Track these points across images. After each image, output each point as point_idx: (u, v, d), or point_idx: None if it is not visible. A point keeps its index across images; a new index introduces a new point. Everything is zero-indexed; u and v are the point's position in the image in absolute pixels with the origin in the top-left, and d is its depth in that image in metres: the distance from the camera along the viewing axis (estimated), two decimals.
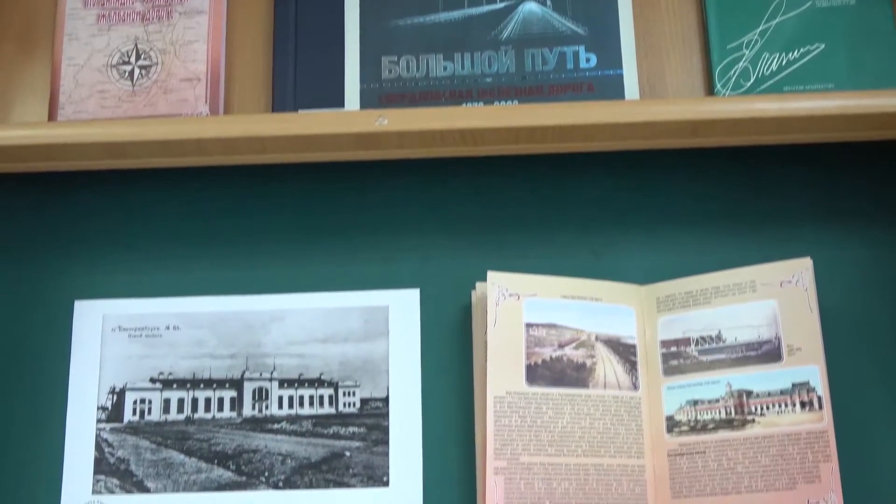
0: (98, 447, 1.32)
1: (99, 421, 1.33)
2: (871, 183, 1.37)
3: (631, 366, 1.30)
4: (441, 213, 1.40)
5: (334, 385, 1.34)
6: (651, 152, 1.37)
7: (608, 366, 1.30)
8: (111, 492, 1.31)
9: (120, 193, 1.41)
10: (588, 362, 1.29)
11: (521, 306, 1.29)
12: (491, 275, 1.30)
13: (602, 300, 1.32)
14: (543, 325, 1.30)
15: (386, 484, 1.30)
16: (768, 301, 1.28)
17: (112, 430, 1.33)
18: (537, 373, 1.28)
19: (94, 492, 1.31)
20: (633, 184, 1.39)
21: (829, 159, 1.38)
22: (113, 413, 1.34)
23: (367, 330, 1.35)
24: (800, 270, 1.28)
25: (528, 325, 1.29)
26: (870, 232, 1.36)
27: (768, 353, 1.27)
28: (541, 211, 1.39)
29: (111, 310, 1.37)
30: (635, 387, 1.30)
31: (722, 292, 1.30)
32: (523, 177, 1.40)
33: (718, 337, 1.29)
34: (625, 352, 1.31)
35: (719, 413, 1.27)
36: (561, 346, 1.29)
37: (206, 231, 1.40)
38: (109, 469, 1.31)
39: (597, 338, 1.31)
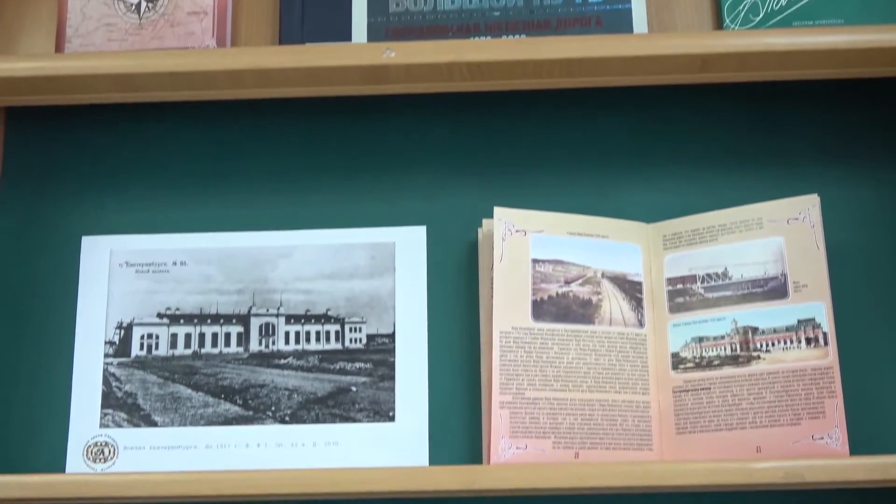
0: (105, 382, 1.34)
1: (106, 356, 1.34)
2: (879, 121, 1.38)
3: (637, 303, 1.31)
4: (448, 150, 1.40)
5: (341, 321, 1.35)
6: (659, 89, 1.37)
7: (614, 303, 1.30)
8: (119, 426, 1.32)
9: (128, 129, 1.42)
10: (594, 299, 1.30)
11: (527, 242, 1.30)
12: (497, 210, 1.30)
13: (609, 237, 1.32)
14: (550, 262, 1.30)
15: (392, 419, 1.31)
16: (775, 238, 1.29)
17: (119, 364, 1.34)
18: (543, 308, 1.28)
19: (102, 426, 1.32)
20: (641, 121, 1.40)
21: (837, 97, 1.38)
22: (120, 348, 1.35)
23: (374, 266, 1.36)
24: (807, 207, 1.28)
25: (535, 261, 1.30)
26: (877, 170, 1.36)
27: (774, 289, 1.27)
28: (548, 149, 1.39)
29: (119, 245, 1.38)
30: (641, 324, 1.30)
31: (728, 229, 1.31)
32: (531, 114, 1.40)
33: (724, 274, 1.30)
34: (631, 289, 1.32)
35: (725, 350, 1.27)
36: (567, 282, 1.30)
37: (214, 167, 1.41)
38: (117, 403, 1.33)
39: (603, 275, 1.31)
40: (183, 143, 1.42)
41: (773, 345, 1.26)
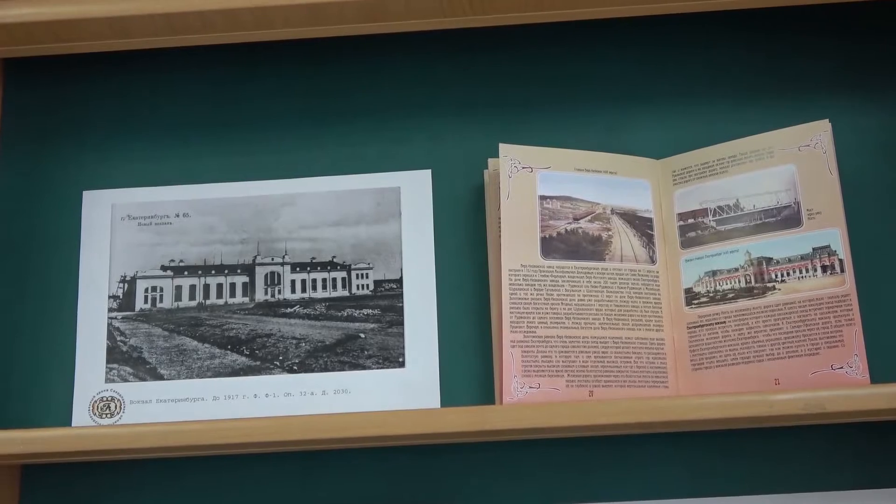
0: (110, 336, 1.35)
1: (110, 310, 1.36)
2: (891, 45, 1.38)
3: (648, 239, 1.32)
4: (452, 91, 1.41)
5: (347, 268, 1.36)
6: (663, 19, 1.38)
7: (624, 239, 1.31)
8: (125, 380, 1.33)
9: (127, 80, 1.44)
10: (604, 235, 1.31)
11: (534, 179, 1.31)
12: (503, 147, 1.31)
13: (617, 174, 1.33)
14: (558, 198, 1.31)
15: (402, 364, 1.32)
16: (787, 166, 1.30)
17: (124, 318, 1.36)
18: (552, 246, 1.29)
19: (108, 380, 1.33)
20: (648, 54, 1.41)
21: (847, 21, 1.39)
22: (124, 302, 1.36)
23: (379, 212, 1.37)
24: (818, 133, 1.29)
25: (542, 198, 1.31)
26: (890, 95, 1.36)
27: (787, 218, 1.28)
28: (554, 85, 1.41)
29: (120, 199, 1.39)
30: (653, 260, 1.32)
31: (738, 160, 1.32)
32: (534, 50, 1.41)
33: (736, 205, 1.31)
34: (641, 225, 1.33)
35: (739, 282, 1.28)
36: (576, 219, 1.31)
37: (214, 116, 1.42)
38: (122, 357, 1.34)
39: (612, 211, 1.32)
40: (182, 92, 1.43)
41: (788, 275, 1.27)
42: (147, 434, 1.22)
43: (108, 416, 1.32)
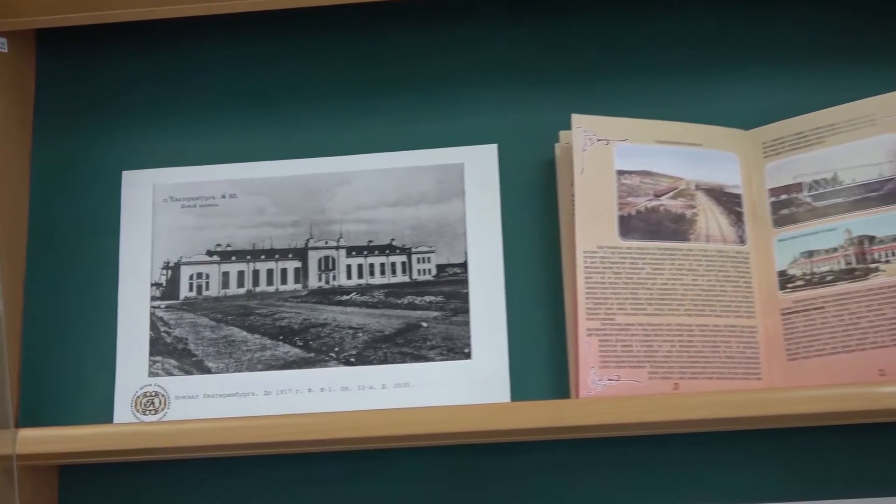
0: (153, 327, 1.33)
1: (153, 299, 1.34)
2: None
3: (736, 217, 1.28)
4: (520, 59, 1.38)
5: (407, 251, 1.33)
6: None
7: (711, 217, 1.27)
8: (169, 374, 1.31)
9: (167, 50, 1.42)
10: (688, 213, 1.27)
11: (611, 152, 1.27)
12: (576, 118, 1.27)
13: (702, 146, 1.29)
14: (637, 173, 1.27)
15: (468, 356, 1.29)
16: (890, 135, 1.24)
17: (168, 307, 1.33)
18: (631, 225, 1.25)
19: (151, 374, 1.31)
20: (733, 13, 1.36)
21: None
22: (168, 290, 1.34)
23: (442, 190, 1.34)
24: None
25: (620, 173, 1.27)
26: None
27: (891, 192, 1.23)
28: (630, 50, 1.37)
29: (162, 179, 1.37)
30: (742, 240, 1.27)
31: (836, 130, 1.27)
32: (609, 12, 1.37)
33: (834, 179, 1.26)
34: (729, 202, 1.28)
35: (838, 263, 1.23)
36: (657, 195, 1.27)
37: (263, 88, 1.40)
38: (166, 350, 1.32)
39: (697, 186, 1.28)
40: (227, 63, 1.41)
41: (892, 254, 1.21)
42: (193, 431, 1.21)
43: (152, 412, 1.29)
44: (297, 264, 1.34)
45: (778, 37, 1.35)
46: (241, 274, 1.34)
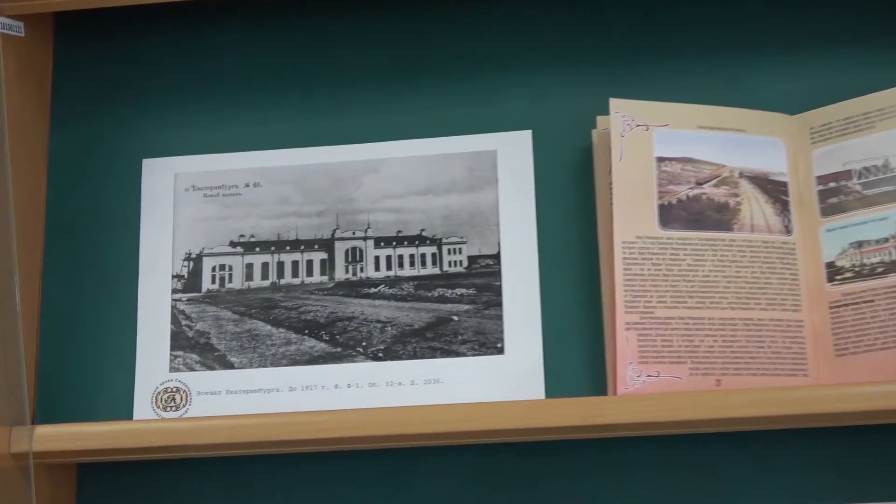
0: (174, 320, 1.32)
1: (174, 291, 1.32)
2: None
3: (782, 206, 1.25)
4: (555, 41, 1.36)
5: (437, 242, 1.32)
6: None
7: (755, 206, 1.25)
8: (191, 369, 1.29)
9: (189, 34, 1.40)
10: (731, 202, 1.24)
11: (650, 138, 1.25)
12: (614, 102, 1.25)
13: (746, 131, 1.27)
14: (678, 160, 1.25)
15: (501, 351, 1.27)
16: None
17: (189, 300, 1.32)
18: (672, 214, 1.23)
19: (172, 369, 1.30)
20: None
21: None
22: (189, 282, 1.33)
23: (473, 178, 1.32)
24: None
25: (660, 160, 1.25)
26: None
27: None
28: (669, 33, 1.35)
29: (184, 167, 1.36)
30: (788, 230, 1.24)
31: (888, 114, 1.24)
32: None
33: (885, 166, 1.23)
34: (774, 190, 1.26)
35: (889, 254, 1.21)
36: (699, 183, 1.25)
37: (288, 73, 1.38)
38: (188, 344, 1.30)
39: (741, 174, 1.26)
40: (251, 47, 1.39)
41: None
42: (216, 429, 1.21)
43: (173, 408, 1.28)
44: (324, 256, 1.33)
45: (825, 17, 1.33)
46: (265, 266, 1.33)
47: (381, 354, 1.28)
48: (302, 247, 1.33)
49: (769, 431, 1.25)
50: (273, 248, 1.33)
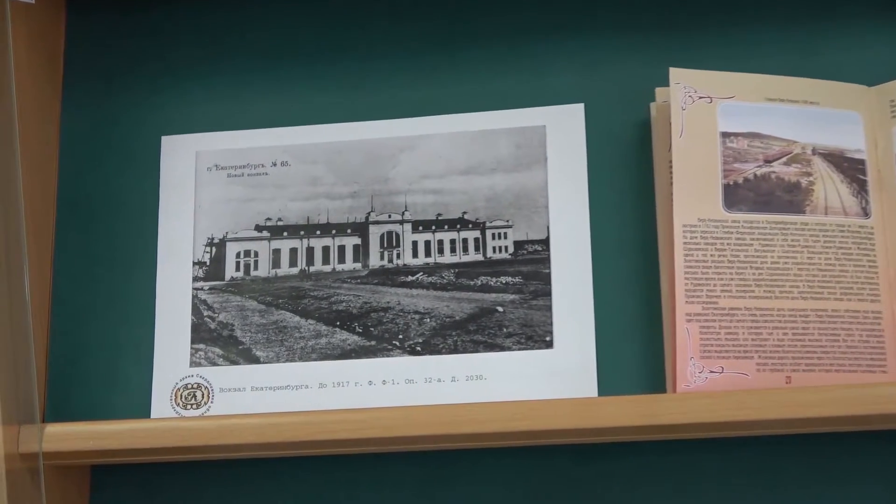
0: (195, 311, 1.31)
1: (195, 279, 1.32)
2: None
3: (859, 186, 1.22)
4: (608, 8, 1.34)
5: (481, 226, 1.30)
6: None
7: (830, 186, 1.22)
8: (213, 363, 1.28)
9: (212, 2, 1.38)
10: (803, 181, 1.22)
11: (714, 111, 1.22)
12: (674, 72, 1.23)
13: (819, 104, 1.24)
14: (744, 135, 1.23)
15: (549, 344, 1.25)
16: None
17: (211, 289, 1.31)
18: (738, 195, 1.21)
19: (193, 364, 1.29)
20: None
21: None
22: (212, 269, 1.32)
23: (520, 157, 1.31)
24: None
25: (725, 135, 1.22)
26: None
27: None
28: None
29: (206, 145, 1.36)
30: (866, 213, 1.21)
31: None
32: None
33: None
34: (850, 168, 1.23)
35: None
36: (768, 160, 1.22)
37: (317, 43, 1.37)
38: (210, 336, 1.29)
39: (814, 151, 1.23)
40: (280, 18, 1.38)
41: None
42: (240, 428, 1.19)
43: (194, 406, 1.27)
44: (357, 241, 1.32)
45: None
46: (293, 252, 1.32)
47: (419, 348, 1.27)
48: (333, 231, 1.32)
49: (844, 433, 1.22)
50: (302, 233, 1.32)
